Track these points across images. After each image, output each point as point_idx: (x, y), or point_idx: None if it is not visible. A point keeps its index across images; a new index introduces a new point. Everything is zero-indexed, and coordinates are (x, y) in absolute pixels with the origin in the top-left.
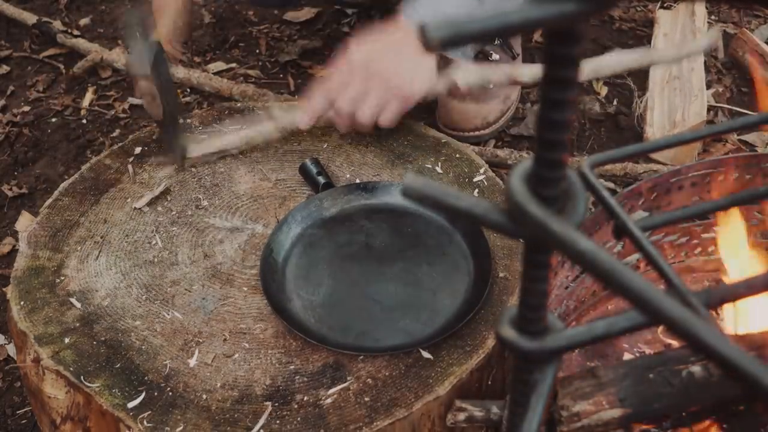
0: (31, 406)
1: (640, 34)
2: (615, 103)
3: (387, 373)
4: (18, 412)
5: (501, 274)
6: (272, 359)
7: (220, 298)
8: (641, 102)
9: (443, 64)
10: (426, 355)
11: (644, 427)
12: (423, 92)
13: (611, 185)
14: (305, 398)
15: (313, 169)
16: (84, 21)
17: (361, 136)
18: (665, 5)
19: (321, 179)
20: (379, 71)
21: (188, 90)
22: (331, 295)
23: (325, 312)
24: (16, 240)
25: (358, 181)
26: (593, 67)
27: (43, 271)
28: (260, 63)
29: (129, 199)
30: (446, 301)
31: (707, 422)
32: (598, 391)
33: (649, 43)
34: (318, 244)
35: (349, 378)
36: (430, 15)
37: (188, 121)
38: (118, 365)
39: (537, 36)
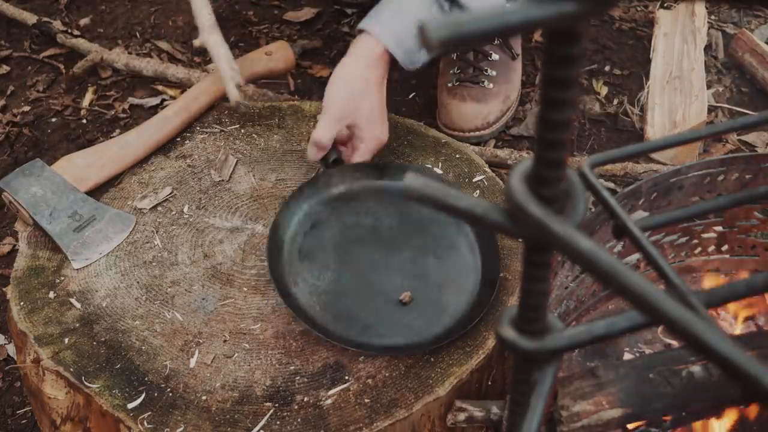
0: (31, 406)
1: (640, 34)
2: (615, 103)
3: (387, 374)
4: (18, 412)
5: (501, 274)
6: (272, 360)
7: (220, 299)
8: (640, 101)
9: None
10: (425, 354)
11: (644, 427)
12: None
13: (611, 185)
14: (305, 399)
15: None
16: (84, 21)
17: None
18: (665, 5)
19: (332, 154)
20: (357, 121)
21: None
22: (337, 281)
23: (330, 300)
24: (16, 240)
25: None
26: None
27: (43, 271)
28: None
29: (129, 199)
30: (452, 300)
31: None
32: (598, 391)
33: (649, 43)
34: (325, 224)
35: (349, 378)
36: (400, 27)
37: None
38: (118, 366)
39: (537, 36)
